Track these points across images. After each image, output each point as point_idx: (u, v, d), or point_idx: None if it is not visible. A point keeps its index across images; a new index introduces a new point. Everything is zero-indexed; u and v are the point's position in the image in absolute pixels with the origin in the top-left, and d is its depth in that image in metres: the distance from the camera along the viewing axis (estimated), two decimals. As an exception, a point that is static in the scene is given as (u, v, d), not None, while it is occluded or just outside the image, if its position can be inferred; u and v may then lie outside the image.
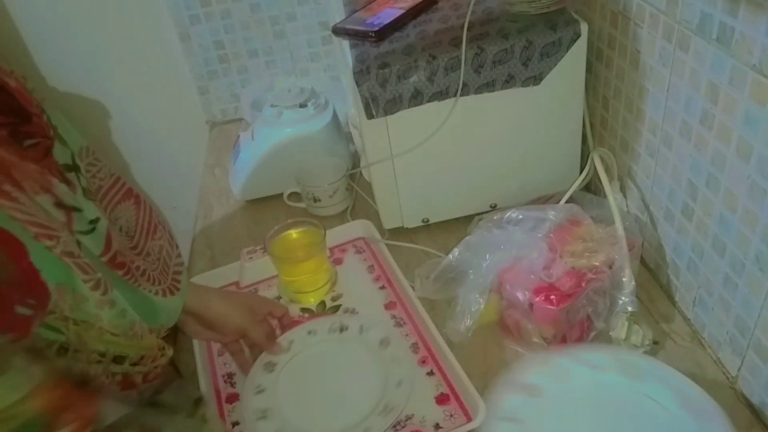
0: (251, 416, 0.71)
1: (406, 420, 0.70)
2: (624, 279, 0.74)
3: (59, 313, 0.41)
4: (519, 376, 0.65)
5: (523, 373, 0.65)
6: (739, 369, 0.69)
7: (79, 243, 0.47)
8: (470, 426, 0.67)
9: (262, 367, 0.76)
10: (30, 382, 0.34)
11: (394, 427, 0.69)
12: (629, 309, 0.73)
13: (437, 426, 0.69)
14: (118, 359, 0.46)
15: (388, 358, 0.76)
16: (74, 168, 0.51)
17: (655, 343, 0.74)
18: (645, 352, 0.73)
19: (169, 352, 0.57)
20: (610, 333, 0.73)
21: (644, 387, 0.62)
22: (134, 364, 0.48)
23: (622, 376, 0.63)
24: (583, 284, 0.72)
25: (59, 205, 0.46)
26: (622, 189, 0.88)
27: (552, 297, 0.71)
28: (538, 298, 0.72)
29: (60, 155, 0.50)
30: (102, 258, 0.48)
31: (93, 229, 0.48)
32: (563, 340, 0.74)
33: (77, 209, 0.48)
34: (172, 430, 0.38)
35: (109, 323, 0.46)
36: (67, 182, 0.48)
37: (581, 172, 0.88)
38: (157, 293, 0.56)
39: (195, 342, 0.80)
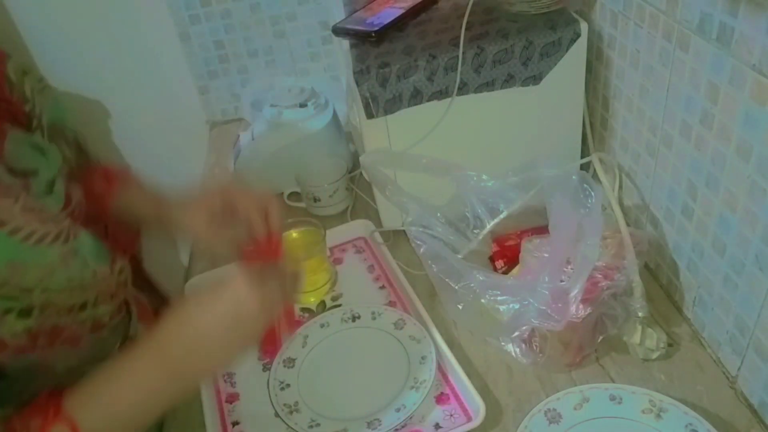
0: (283, 410, 0.72)
1: (406, 420, 0.70)
2: (633, 285, 0.73)
3: (14, 284, 0.44)
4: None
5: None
6: (739, 369, 0.69)
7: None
8: (470, 426, 0.67)
9: (281, 365, 0.77)
10: None
11: (395, 427, 0.69)
12: (639, 314, 0.72)
13: (437, 426, 0.69)
14: (81, 306, 0.50)
15: (406, 337, 0.78)
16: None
17: (670, 345, 0.73)
18: (660, 356, 0.73)
19: (126, 269, 0.58)
20: (624, 338, 0.73)
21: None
22: (95, 306, 0.52)
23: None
24: (599, 287, 0.69)
25: (12, 171, 0.48)
26: (621, 189, 0.88)
27: None
28: (556, 305, 0.67)
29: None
30: (64, 212, 0.52)
31: (51, 191, 0.51)
32: (580, 347, 0.72)
33: (33, 172, 0.50)
34: None
35: (70, 277, 0.49)
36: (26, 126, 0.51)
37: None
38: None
39: None
